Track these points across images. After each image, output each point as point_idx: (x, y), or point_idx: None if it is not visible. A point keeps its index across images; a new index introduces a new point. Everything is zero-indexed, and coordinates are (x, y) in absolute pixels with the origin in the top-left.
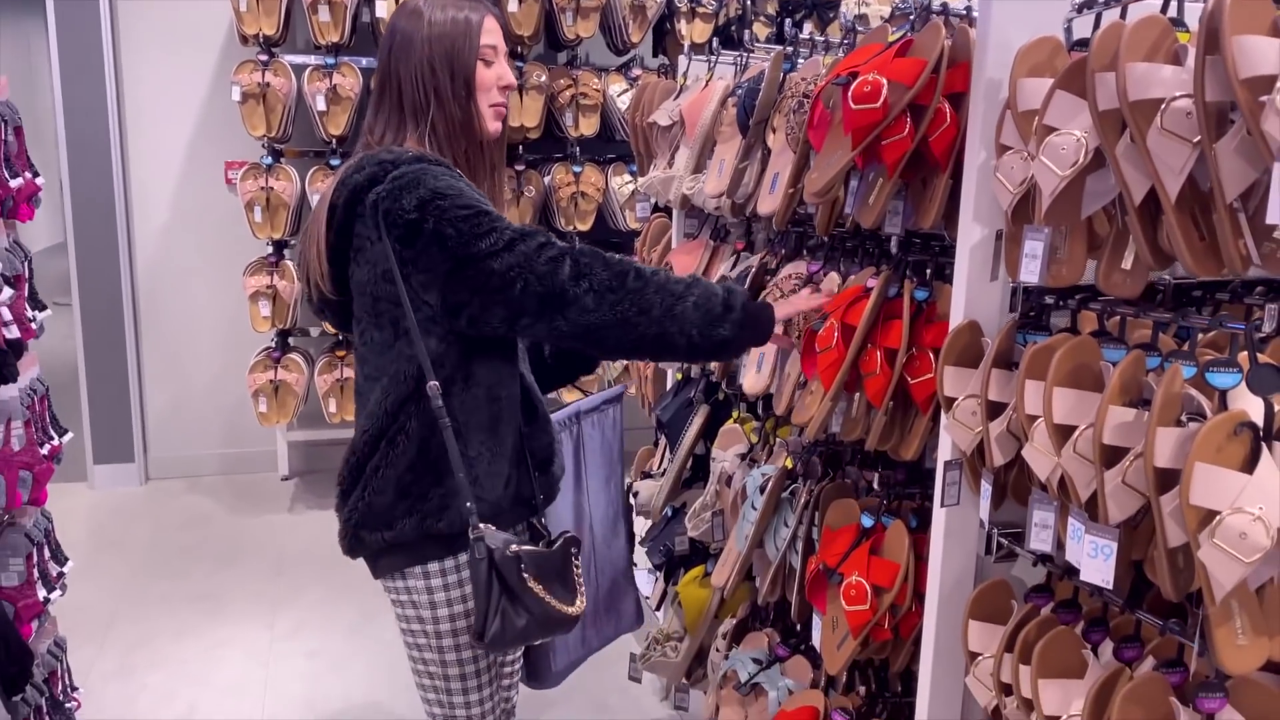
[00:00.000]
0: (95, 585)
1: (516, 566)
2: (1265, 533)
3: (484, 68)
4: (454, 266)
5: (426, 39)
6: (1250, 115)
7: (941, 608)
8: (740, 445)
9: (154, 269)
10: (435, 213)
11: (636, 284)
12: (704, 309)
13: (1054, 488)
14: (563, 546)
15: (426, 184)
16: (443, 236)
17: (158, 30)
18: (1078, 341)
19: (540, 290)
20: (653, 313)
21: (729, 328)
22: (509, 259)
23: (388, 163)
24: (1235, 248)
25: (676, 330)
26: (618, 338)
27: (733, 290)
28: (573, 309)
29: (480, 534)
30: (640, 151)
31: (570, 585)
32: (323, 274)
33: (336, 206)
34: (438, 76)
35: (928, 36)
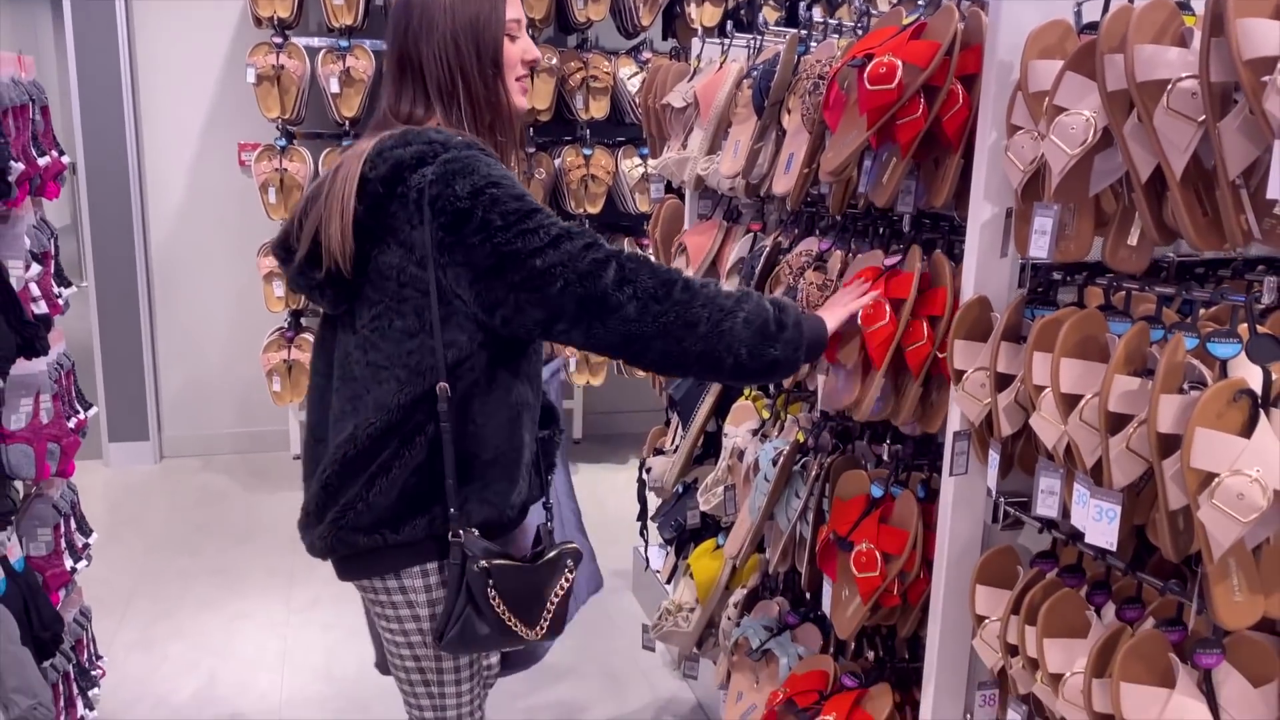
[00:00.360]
0: (114, 560)
1: (484, 582)
2: (1262, 493)
3: (509, 43)
4: (496, 261)
5: (449, 12)
6: (1253, 95)
7: (949, 574)
8: (752, 421)
9: (168, 250)
10: (487, 201)
11: (684, 295)
12: (755, 326)
13: (1060, 455)
14: (551, 561)
15: (481, 171)
16: (490, 227)
17: (172, 12)
18: (1084, 314)
19: (580, 292)
20: (699, 328)
21: (780, 348)
22: (552, 256)
23: (438, 144)
24: (1237, 223)
25: (724, 348)
26: (660, 350)
27: (785, 307)
28: (614, 316)
29: (460, 540)
30: (652, 134)
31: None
32: (345, 252)
33: (372, 180)
34: (463, 54)
35: (941, 20)
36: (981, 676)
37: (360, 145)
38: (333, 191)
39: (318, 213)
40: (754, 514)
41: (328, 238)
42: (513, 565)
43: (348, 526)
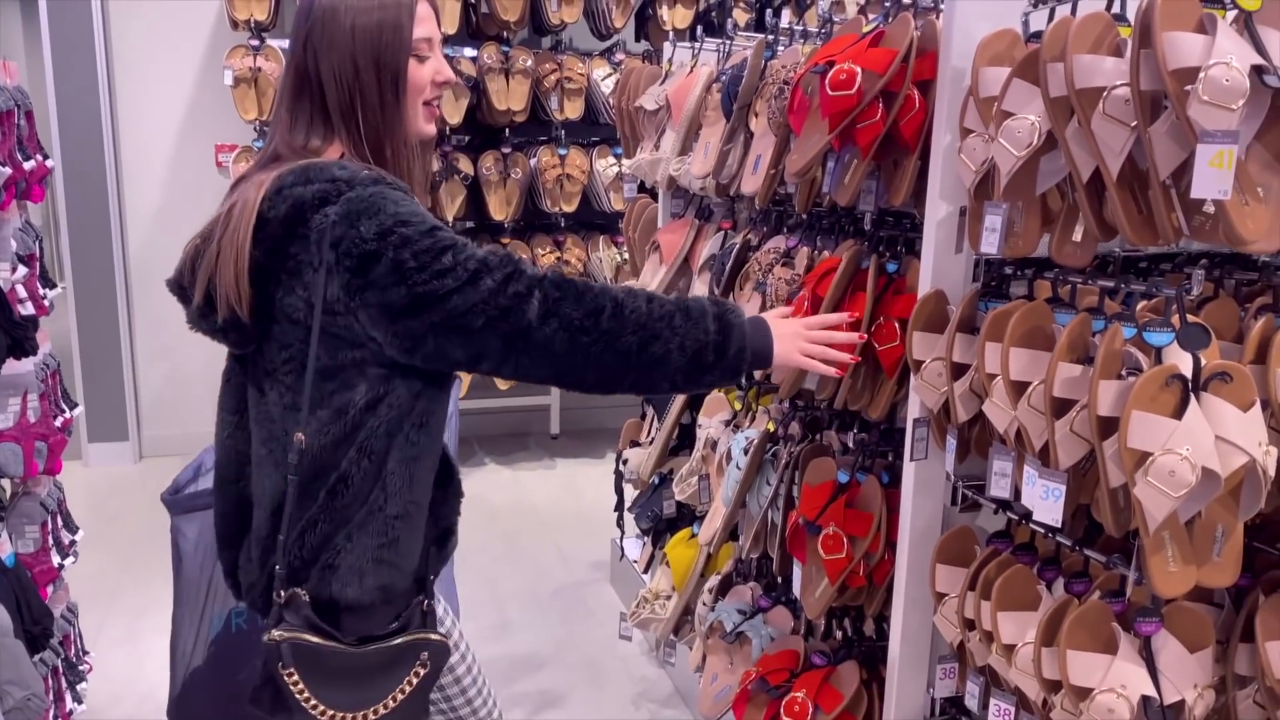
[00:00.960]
0: (98, 557)
1: (274, 657)
2: (1191, 470)
3: (416, 64)
4: (411, 302)
5: (349, 30)
6: (1177, 102)
7: (911, 554)
8: (725, 413)
9: (147, 250)
10: (397, 241)
11: (612, 324)
12: (689, 353)
13: (1011, 439)
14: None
15: (388, 209)
16: (403, 269)
17: (148, 15)
18: (1031, 306)
19: (505, 329)
20: (630, 357)
21: (717, 374)
22: (471, 294)
23: (342, 181)
24: (1169, 220)
25: (659, 376)
26: (594, 379)
27: (729, 329)
28: (539, 351)
29: (280, 600)
30: (626, 135)
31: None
32: (240, 297)
33: (270, 220)
34: (362, 76)
35: (898, 28)
36: (942, 651)
37: (255, 179)
38: (226, 233)
39: (211, 255)
40: (727, 502)
41: (222, 282)
42: (323, 647)
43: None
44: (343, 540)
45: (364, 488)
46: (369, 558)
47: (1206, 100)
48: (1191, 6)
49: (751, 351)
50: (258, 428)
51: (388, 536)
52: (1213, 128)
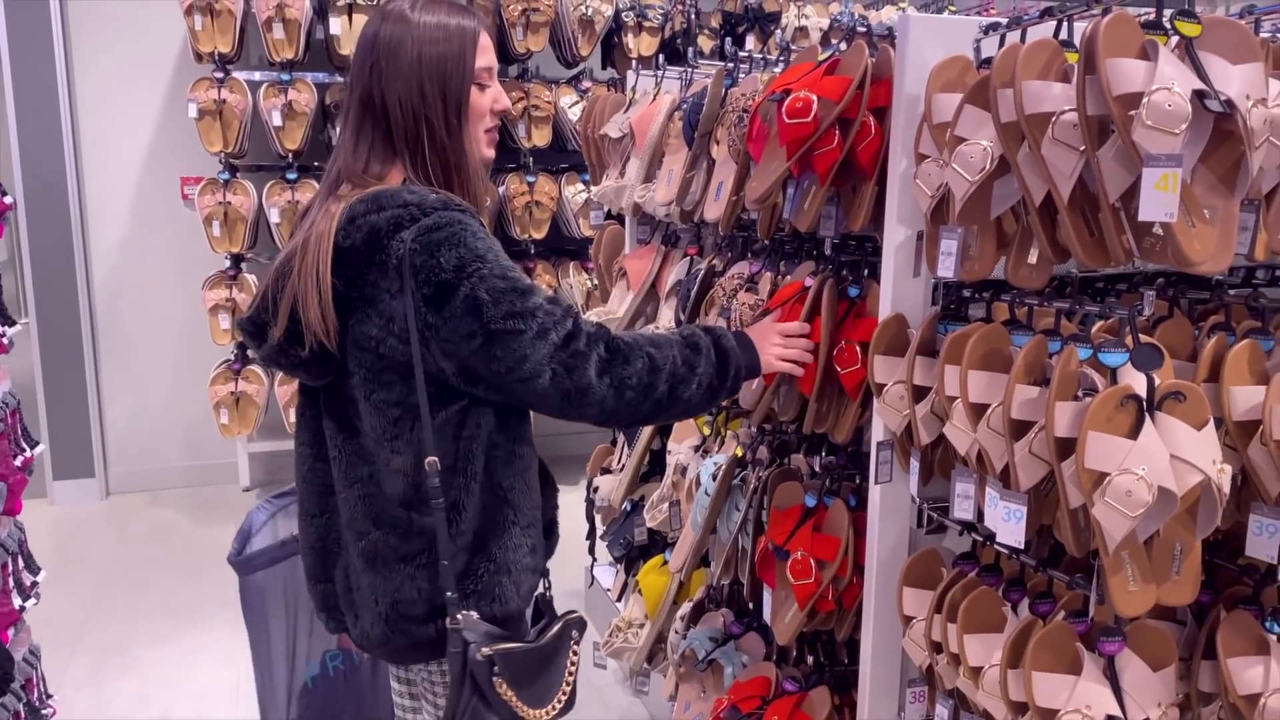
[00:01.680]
0: (63, 598)
1: (489, 670)
2: (1148, 490)
3: (478, 92)
4: (484, 341)
5: (416, 59)
6: (1122, 127)
7: (879, 577)
8: (694, 438)
9: (112, 284)
10: (474, 277)
11: (650, 378)
12: (704, 388)
13: (973, 461)
14: (558, 634)
15: (466, 242)
16: (479, 304)
17: (111, 47)
18: (989, 329)
19: (567, 385)
20: (662, 402)
21: (724, 397)
22: (541, 349)
23: (414, 206)
24: (1119, 242)
25: (679, 412)
26: (626, 422)
27: (727, 356)
28: (591, 406)
29: (459, 625)
30: (592, 162)
31: (556, 678)
32: (328, 329)
33: (348, 250)
34: (429, 102)
35: (853, 56)
36: (912, 675)
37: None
38: (305, 266)
39: (291, 289)
40: (696, 528)
41: (307, 316)
42: (518, 648)
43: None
44: (483, 562)
45: (475, 511)
46: (521, 569)
47: (1150, 125)
48: (1134, 33)
49: (746, 369)
50: (340, 459)
51: (528, 545)
52: (1157, 151)
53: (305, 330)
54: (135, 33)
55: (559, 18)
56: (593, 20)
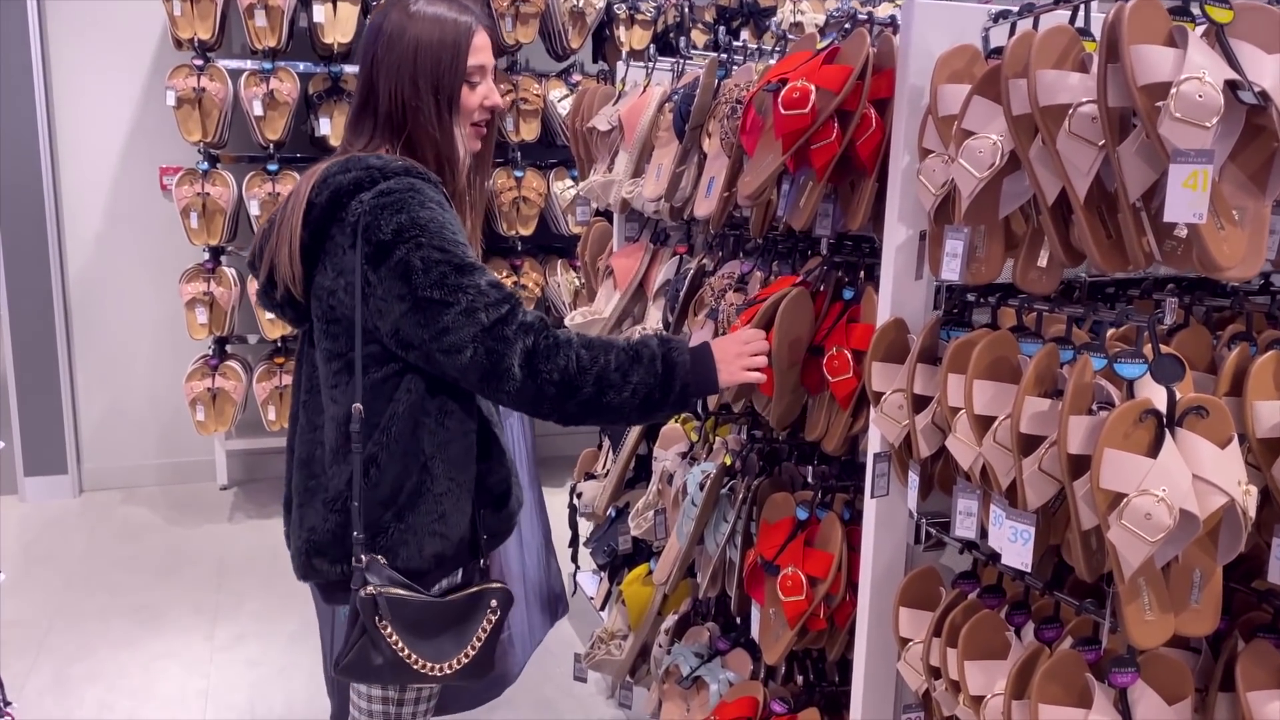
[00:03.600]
0: (28, 600)
1: (372, 610)
2: (1168, 513)
3: (469, 90)
4: (411, 306)
5: (413, 51)
6: (1148, 120)
7: (874, 596)
8: (681, 444)
9: (87, 276)
10: (410, 243)
11: (576, 378)
12: (640, 396)
13: (976, 476)
14: (469, 598)
15: (411, 209)
16: (410, 270)
17: (88, 33)
18: (996, 336)
19: (486, 365)
20: (588, 404)
21: (666, 411)
22: (465, 326)
23: (375, 169)
24: (1139, 245)
25: (611, 416)
26: (555, 420)
27: (673, 367)
28: (510, 395)
29: (362, 565)
30: (581, 156)
31: (462, 639)
32: (294, 276)
33: (315, 204)
34: (421, 95)
35: (853, 44)
36: (907, 699)
37: (310, 171)
38: (283, 218)
39: (272, 238)
40: (682, 539)
41: (279, 262)
42: (412, 598)
43: (310, 553)
44: (392, 519)
45: (393, 469)
46: (426, 532)
47: (1179, 117)
48: (1160, 19)
49: (695, 386)
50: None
51: (438, 512)
52: (1186, 146)
53: (276, 276)
54: (113, 17)
55: (549, 9)
56: (584, 12)
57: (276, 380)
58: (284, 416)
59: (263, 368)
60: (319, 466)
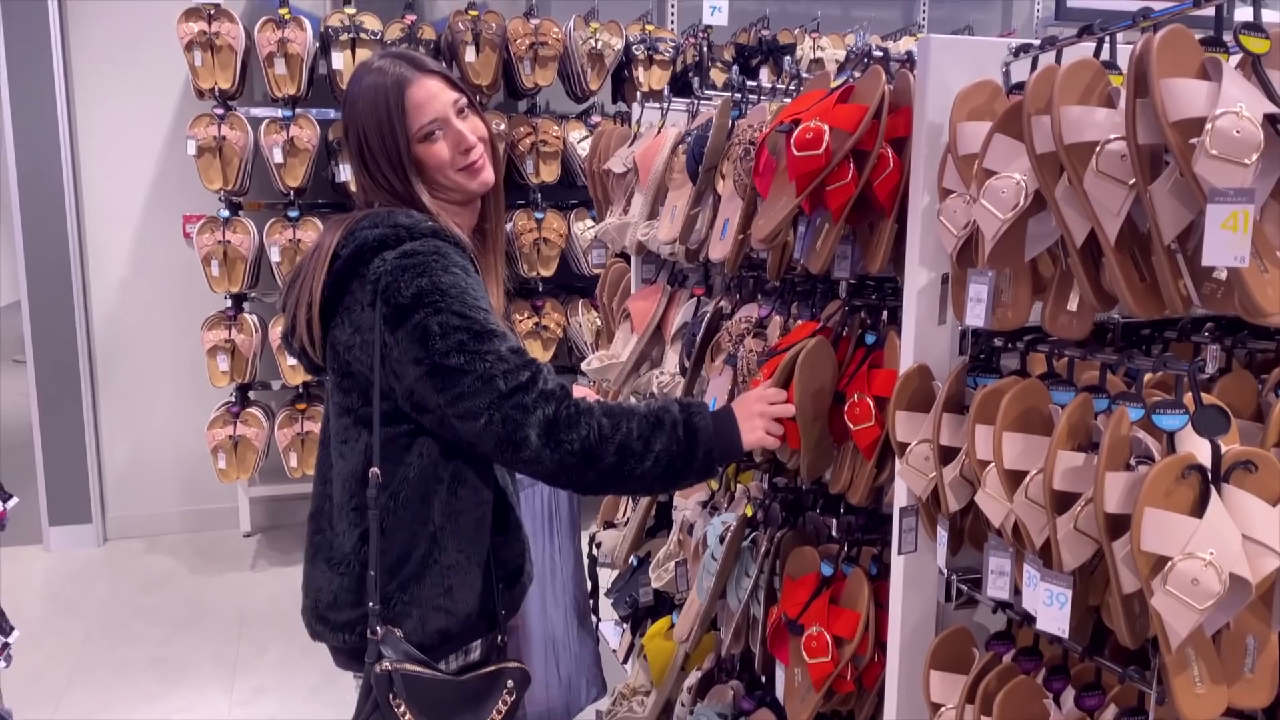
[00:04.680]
0: (48, 652)
1: (387, 687)
2: (1217, 578)
3: (430, 144)
4: (428, 371)
5: (356, 122)
6: (1181, 158)
7: (903, 657)
8: (701, 493)
9: (111, 325)
10: (429, 308)
11: (597, 448)
12: (663, 464)
13: (1008, 534)
14: (485, 677)
15: (433, 273)
16: (428, 334)
17: (112, 84)
18: (1025, 385)
19: (501, 433)
20: (609, 474)
21: (690, 478)
22: (483, 394)
23: (403, 229)
24: (1176, 288)
25: (637, 487)
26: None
27: (696, 432)
28: (529, 464)
29: (378, 637)
30: (598, 198)
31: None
32: (311, 326)
33: (339, 257)
34: (377, 162)
35: (868, 83)
36: None
37: (337, 220)
38: (308, 267)
39: (296, 286)
40: (702, 595)
41: (299, 311)
42: (427, 675)
43: (315, 618)
44: (396, 590)
45: (399, 536)
46: (430, 606)
47: (1215, 154)
48: (1192, 50)
49: (720, 451)
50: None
51: (444, 586)
52: (1224, 185)
53: (296, 324)
54: (137, 69)
55: (567, 52)
56: (602, 54)
57: (298, 426)
58: (306, 463)
59: (284, 414)
60: (325, 521)
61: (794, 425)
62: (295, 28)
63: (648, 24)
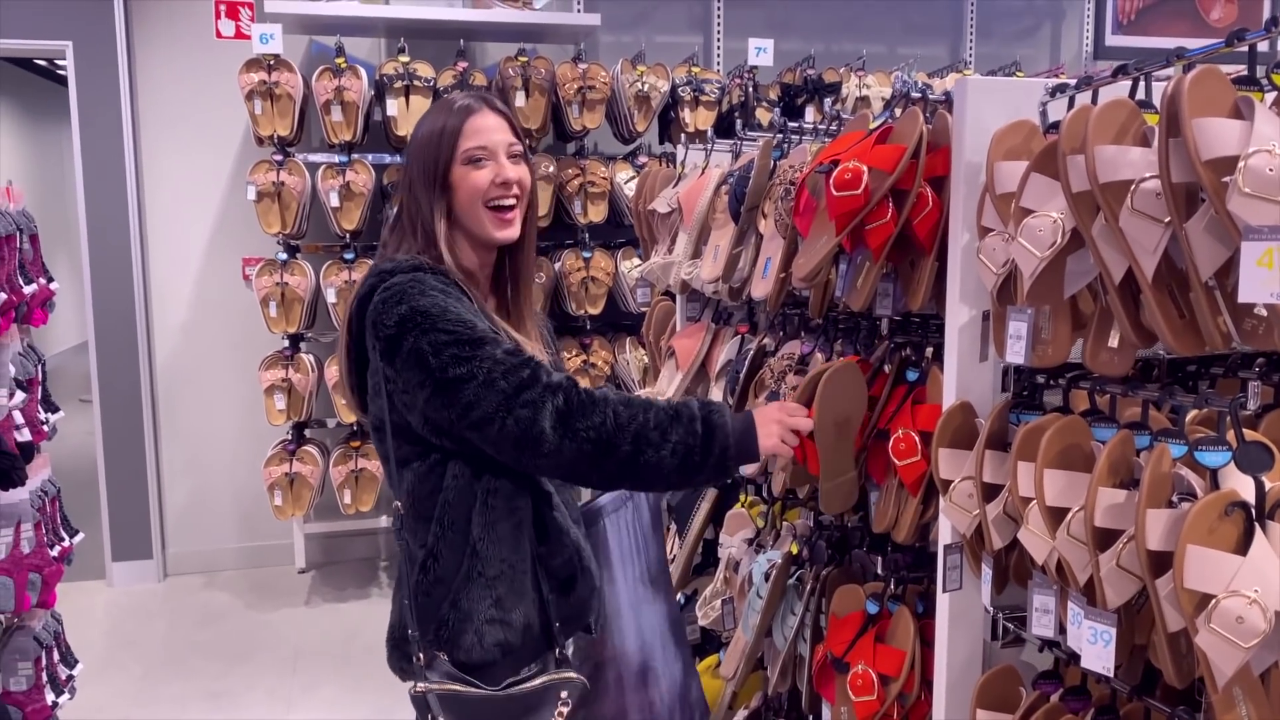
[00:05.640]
0: (110, 686)
1: (423, 709)
2: (1262, 616)
3: (473, 169)
4: (433, 390)
5: (412, 152)
6: (1215, 196)
7: (950, 697)
8: (747, 530)
9: (173, 365)
10: (415, 331)
11: (613, 435)
12: (680, 455)
13: (1052, 571)
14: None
15: (410, 299)
16: (422, 355)
17: (177, 134)
18: (1066, 422)
19: (517, 432)
20: (626, 463)
21: (705, 474)
22: (489, 398)
23: (385, 272)
24: (1215, 325)
25: (651, 477)
26: (595, 482)
27: (714, 430)
28: (547, 458)
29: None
30: (644, 237)
31: None
32: (346, 374)
33: (352, 315)
34: (413, 176)
35: (906, 123)
36: None
37: None
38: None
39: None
40: (748, 633)
41: (343, 381)
42: (468, 694)
43: (388, 647)
44: (449, 609)
45: (452, 559)
46: (483, 619)
47: (1248, 192)
48: (1224, 90)
49: (736, 450)
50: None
51: (492, 597)
52: (1258, 223)
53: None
54: (200, 118)
55: (615, 95)
56: (649, 96)
57: (352, 464)
58: (361, 500)
59: (339, 451)
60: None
61: (813, 447)
62: (351, 76)
63: (694, 66)
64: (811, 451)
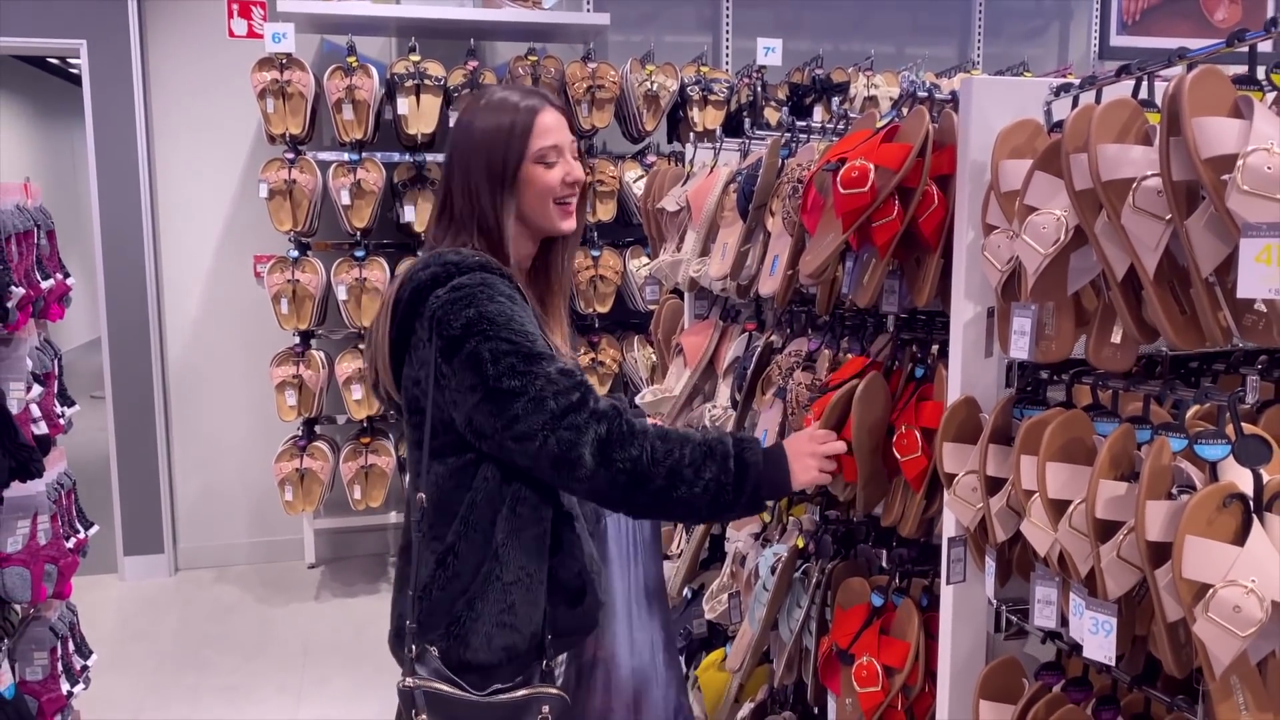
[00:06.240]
0: (122, 678)
1: (409, 702)
2: (1259, 606)
3: (544, 170)
4: (484, 397)
5: (475, 140)
6: (1214, 194)
7: (953, 688)
8: (753, 525)
9: (185, 361)
10: (479, 336)
11: (648, 469)
12: (711, 492)
13: (1054, 563)
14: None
15: (480, 303)
16: (480, 361)
17: (190, 133)
18: (1069, 416)
19: (557, 453)
20: (658, 496)
21: (737, 511)
22: (535, 415)
23: (452, 265)
24: (1215, 321)
25: (682, 513)
26: (625, 510)
27: (746, 468)
28: (581, 482)
29: (412, 654)
30: (653, 236)
31: None
32: (383, 369)
33: (401, 302)
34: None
35: (913, 122)
36: None
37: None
38: (378, 320)
39: (373, 338)
40: (754, 626)
41: (378, 362)
42: (455, 695)
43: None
44: (464, 608)
45: (472, 558)
46: (494, 622)
47: (1247, 190)
48: (1224, 89)
49: (768, 488)
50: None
51: (506, 602)
52: (1256, 220)
53: (378, 373)
54: (213, 116)
55: (624, 94)
56: (658, 95)
57: (362, 460)
58: (370, 496)
59: (349, 447)
60: (411, 554)
61: (850, 459)
62: (362, 75)
63: (702, 66)
64: (849, 463)
